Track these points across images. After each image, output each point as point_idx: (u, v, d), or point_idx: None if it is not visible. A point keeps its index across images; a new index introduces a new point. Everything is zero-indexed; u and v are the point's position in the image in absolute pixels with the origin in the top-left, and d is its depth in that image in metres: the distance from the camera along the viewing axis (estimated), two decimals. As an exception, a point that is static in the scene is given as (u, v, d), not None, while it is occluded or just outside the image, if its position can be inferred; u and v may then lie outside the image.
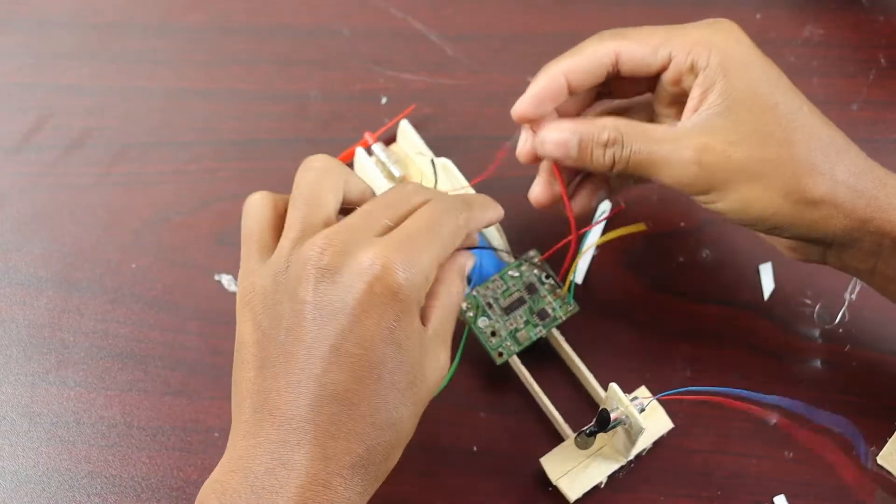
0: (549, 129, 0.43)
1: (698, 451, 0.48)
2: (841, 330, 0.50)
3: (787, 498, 0.47)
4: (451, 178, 0.50)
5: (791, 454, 0.48)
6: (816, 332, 0.50)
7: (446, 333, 0.40)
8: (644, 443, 0.46)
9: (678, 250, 0.53)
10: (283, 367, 0.36)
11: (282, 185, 0.45)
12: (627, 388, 0.43)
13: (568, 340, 0.48)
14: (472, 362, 0.49)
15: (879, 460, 0.46)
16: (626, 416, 0.42)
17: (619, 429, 0.44)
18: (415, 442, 0.44)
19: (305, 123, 0.56)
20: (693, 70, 0.41)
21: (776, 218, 0.41)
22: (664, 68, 0.42)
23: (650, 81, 0.44)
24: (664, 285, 0.52)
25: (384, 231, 0.38)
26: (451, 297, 0.40)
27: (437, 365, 0.39)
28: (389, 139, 0.54)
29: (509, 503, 0.47)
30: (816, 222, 0.41)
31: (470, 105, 0.57)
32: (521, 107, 0.44)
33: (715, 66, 0.41)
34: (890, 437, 0.47)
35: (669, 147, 0.41)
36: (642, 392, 0.47)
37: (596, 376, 0.48)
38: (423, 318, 0.39)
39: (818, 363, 0.50)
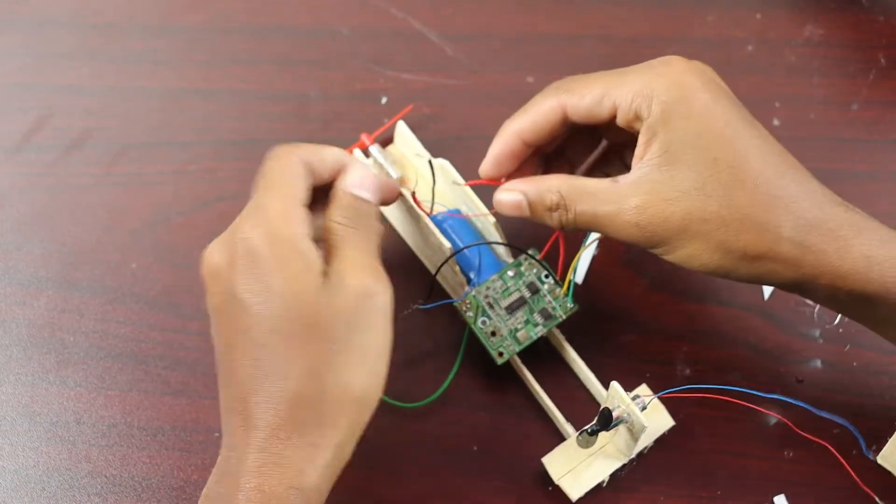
0: (502, 191, 0.44)
1: (698, 451, 0.48)
2: (841, 330, 0.50)
3: (787, 498, 0.47)
4: (448, 180, 0.50)
5: (791, 454, 0.48)
6: (816, 332, 0.50)
7: (351, 260, 0.39)
8: (646, 441, 0.46)
9: (678, 250, 0.53)
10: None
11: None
12: (628, 387, 0.43)
13: (568, 340, 0.48)
14: (473, 362, 0.49)
15: (879, 460, 0.46)
16: (628, 415, 0.42)
17: (621, 427, 0.44)
18: (415, 442, 0.44)
19: (305, 123, 0.56)
20: (638, 118, 0.41)
21: (721, 270, 0.41)
22: (613, 117, 0.42)
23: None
24: (664, 285, 0.52)
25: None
26: (328, 230, 0.40)
27: (342, 292, 0.38)
28: (387, 140, 0.54)
29: (510, 503, 0.47)
30: (762, 275, 0.41)
31: (470, 105, 0.57)
32: (484, 168, 0.45)
33: (657, 115, 0.40)
34: (890, 437, 0.47)
35: (611, 208, 0.41)
36: (643, 390, 0.47)
37: (597, 376, 0.48)
38: (328, 259, 0.39)
39: (818, 363, 0.50)
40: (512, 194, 0.44)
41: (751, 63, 0.58)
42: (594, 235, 0.51)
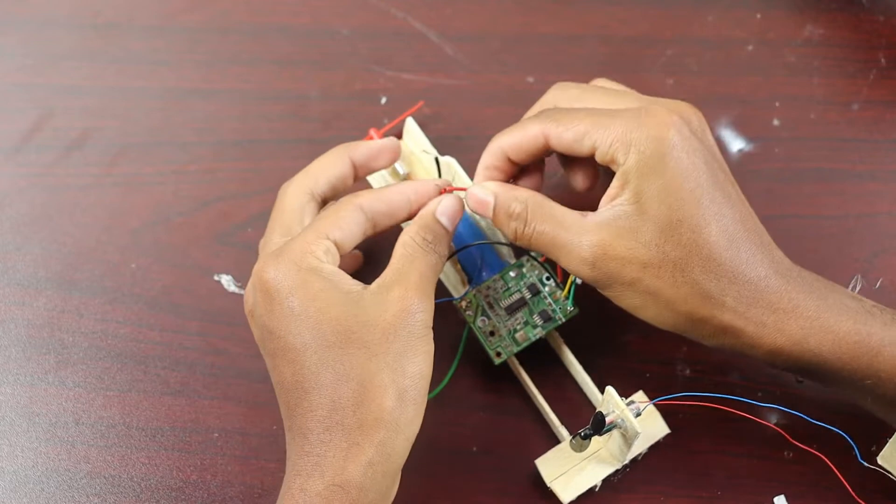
0: (476, 186, 0.45)
1: (698, 451, 0.48)
2: (841, 330, 0.50)
3: (787, 498, 0.47)
4: (455, 178, 0.50)
5: (791, 454, 0.48)
6: (817, 333, 0.50)
7: (403, 275, 0.41)
8: (640, 447, 0.46)
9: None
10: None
11: (282, 183, 0.45)
12: (627, 388, 0.43)
13: (567, 340, 0.48)
14: (472, 362, 0.49)
15: (880, 460, 0.46)
16: (622, 420, 0.42)
17: (615, 432, 0.43)
18: (415, 442, 0.44)
19: (305, 123, 0.56)
20: (615, 162, 0.41)
21: (676, 328, 0.42)
22: (592, 154, 0.42)
23: None
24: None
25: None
26: (402, 244, 0.42)
27: (381, 304, 0.40)
28: (394, 136, 0.54)
29: (508, 503, 0.47)
30: (706, 338, 0.42)
31: (470, 105, 0.57)
32: (477, 181, 0.46)
33: (632, 165, 0.41)
34: (890, 438, 0.47)
35: (572, 237, 0.41)
36: (639, 396, 0.47)
37: (596, 375, 0.47)
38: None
39: (818, 363, 0.50)
40: (484, 192, 0.44)
41: (751, 63, 0.58)
42: None
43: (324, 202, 0.45)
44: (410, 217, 0.44)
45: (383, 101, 0.57)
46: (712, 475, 0.47)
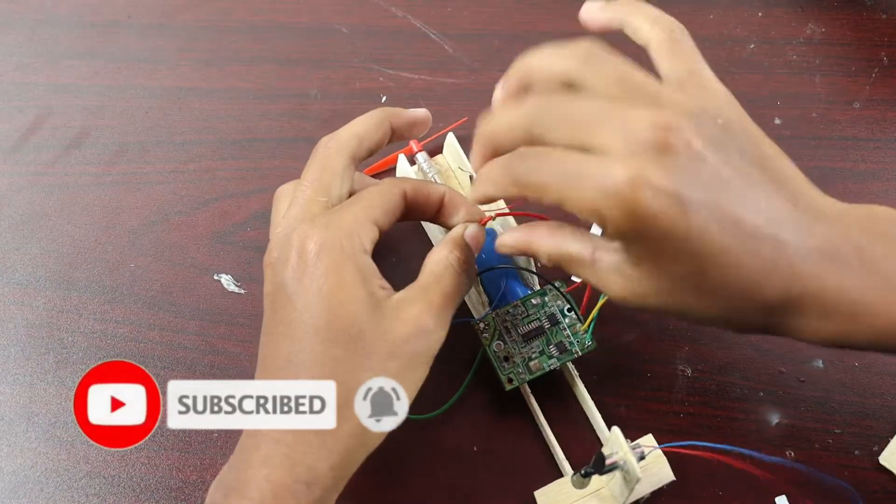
0: (506, 235, 0.40)
1: (699, 450, 0.48)
2: (843, 330, 0.50)
3: (789, 498, 0.46)
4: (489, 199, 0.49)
5: (792, 454, 0.47)
6: (818, 332, 0.50)
7: (426, 293, 0.40)
8: (642, 491, 0.45)
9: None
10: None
11: (282, 184, 0.45)
12: (635, 429, 0.42)
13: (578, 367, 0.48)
14: (483, 383, 0.48)
15: (881, 461, 0.46)
16: (625, 462, 0.41)
17: (618, 473, 0.43)
18: (415, 442, 0.44)
19: (305, 122, 0.56)
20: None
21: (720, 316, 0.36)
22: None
23: None
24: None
25: (322, 207, 0.41)
26: (433, 262, 0.41)
27: (397, 318, 0.39)
28: (435, 150, 0.54)
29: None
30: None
31: (470, 104, 0.56)
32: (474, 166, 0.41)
33: (616, 241, 0.35)
34: (892, 438, 0.47)
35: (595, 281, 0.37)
36: (647, 440, 0.46)
37: (596, 376, 0.47)
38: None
39: (820, 363, 0.49)
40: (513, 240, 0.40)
41: (752, 62, 0.58)
42: None
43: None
44: (431, 219, 0.44)
45: (383, 99, 0.57)
46: (713, 475, 0.47)
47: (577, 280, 0.49)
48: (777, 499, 0.46)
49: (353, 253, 0.39)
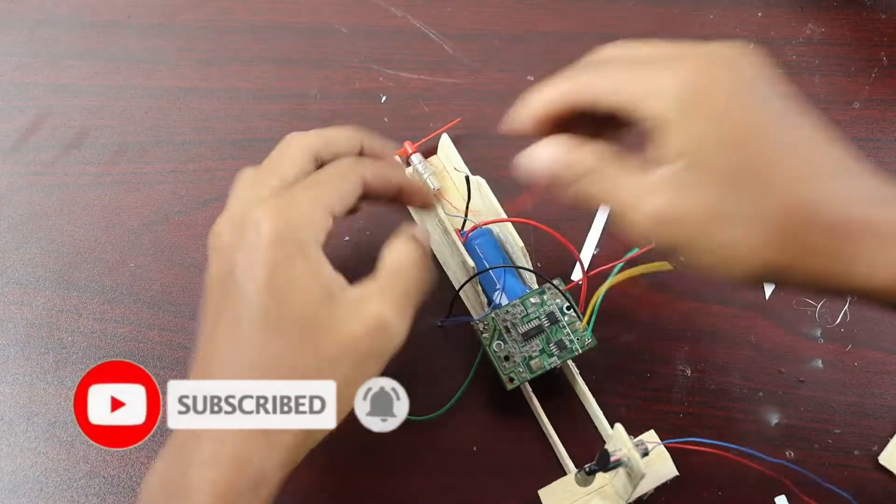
0: (543, 147, 0.38)
1: (699, 450, 0.48)
2: (842, 329, 0.50)
3: (788, 498, 0.46)
4: (484, 198, 0.49)
5: (792, 454, 0.47)
6: (818, 332, 0.50)
7: (388, 288, 0.39)
8: (646, 487, 0.45)
9: (679, 250, 0.52)
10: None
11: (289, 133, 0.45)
12: (637, 427, 0.42)
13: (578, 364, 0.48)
14: (483, 383, 0.48)
15: (881, 461, 0.46)
16: (628, 459, 0.41)
17: (621, 470, 0.43)
18: (415, 442, 0.44)
19: (305, 122, 0.56)
20: (652, 117, 0.36)
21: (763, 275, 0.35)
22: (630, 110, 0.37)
23: None
24: (664, 285, 0.51)
25: (274, 191, 0.39)
26: (393, 255, 0.40)
27: (355, 314, 0.37)
28: (429, 151, 0.54)
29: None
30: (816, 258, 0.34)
31: (470, 104, 0.56)
32: (522, 118, 0.40)
33: (670, 116, 0.35)
34: (891, 438, 0.47)
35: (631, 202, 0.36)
36: (650, 436, 0.46)
37: (597, 376, 0.47)
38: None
39: (819, 363, 0.49)
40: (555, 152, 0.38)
41: (752, 62, 0.58)
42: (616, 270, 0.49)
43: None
44: (388, 203, 0.42)
45: (383, 99, 0.57)
46: (712, 475, 0.47)
47: (575, 279, 0.50)
48: (777, 499, 0.46)
49: (307, 243, 0.38)
